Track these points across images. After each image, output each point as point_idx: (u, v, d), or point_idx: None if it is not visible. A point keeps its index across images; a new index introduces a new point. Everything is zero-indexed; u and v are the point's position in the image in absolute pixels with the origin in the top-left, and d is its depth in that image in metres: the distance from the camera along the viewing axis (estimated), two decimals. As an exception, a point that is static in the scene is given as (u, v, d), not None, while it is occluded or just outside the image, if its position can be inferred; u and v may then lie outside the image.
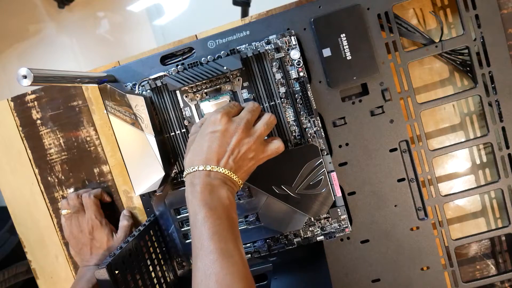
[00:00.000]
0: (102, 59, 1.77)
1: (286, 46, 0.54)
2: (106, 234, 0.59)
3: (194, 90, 0.55)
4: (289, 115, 0.55)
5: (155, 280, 0.54)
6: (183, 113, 0.57)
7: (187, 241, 0.58)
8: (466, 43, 0.53)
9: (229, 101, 0.55)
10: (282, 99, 0.55)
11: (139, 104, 0.54)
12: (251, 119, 0.49)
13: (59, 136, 0.64)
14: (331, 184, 0.54)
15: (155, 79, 0.55)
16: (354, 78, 0.53)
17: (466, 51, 0.55)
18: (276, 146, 0.51)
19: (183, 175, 0.48)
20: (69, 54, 1.79)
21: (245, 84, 0.55)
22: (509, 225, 0.55)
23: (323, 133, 0.55)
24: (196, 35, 0.59)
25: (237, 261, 0.40)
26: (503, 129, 0.54)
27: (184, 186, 0.57)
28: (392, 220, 0.56)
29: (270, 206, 0.56)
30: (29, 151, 0.65)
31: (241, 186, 0.48)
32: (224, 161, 0.46)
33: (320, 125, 0.55)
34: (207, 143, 0.47)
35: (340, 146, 0.56)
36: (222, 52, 0.54)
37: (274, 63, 0.54)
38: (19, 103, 0.64)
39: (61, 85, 0.62)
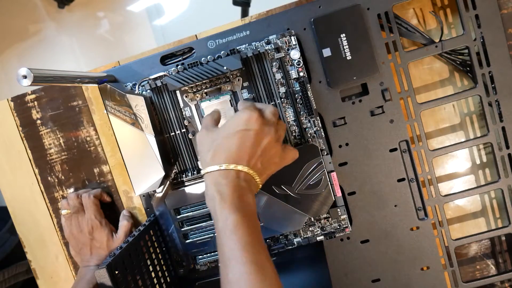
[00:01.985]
0: (102, 59, 1.76)
1: (286, 46, 0.54)
2: (106, 234, 0.59)
3: (194, 90, 0.55)
4: (289, 115, 0.55)
5: (155, 280, 0.54)
6: (183, 113, 0.57)
7: (187, 241, 0.58)
8: (466, 43, 0.53)
9: (229, 100, 0.55)
10: (282, 99, 0.55)
11: (139, 104, 0.54)
12: (276, 124, 0.48)
13: (59, 136, 0.64)
14: (331, 184, 0.54)
15: (155, 79, 0.55)
16: (354, 78, 0.53)
17: (466, 51, 0.55)
18: (294, 153, 0.50)
19: (202, 172, 0.45)
20: (69, 54, 1.79)
21: (245, 84, 0.55)
22: (509, 225, 0.55)
23: (323, 133, 0.55)
24: (196, 35, 0.59)
25: (270, 273, 0.39)
26: (503, 129, 0.54)
27: (184, 186, 0.57)
28: (392, 220, 0.56)
29: (270, 206, 0.56)
30: (29, 151, 0.65)
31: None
32: (254, 161, 0.44)
33: (320, 125, 0.55)
34: (239, 140, 0.44)
35: (340, 146, 0.56)
36: (222, 52, 0.54)
37: (274, 63, 0.54)
38: (19, 103, 0.64)
39: (61, 85, 0.62)
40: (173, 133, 0.57)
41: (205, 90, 0.55)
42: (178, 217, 0.58)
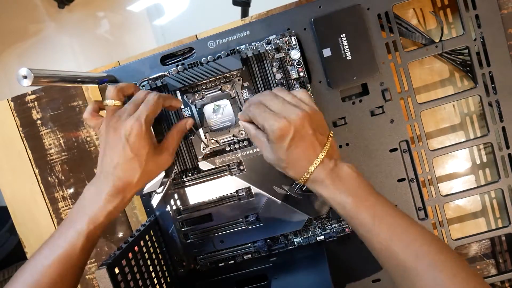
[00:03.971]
0: (102, 59, 1.77)
1: (286, 46, 0.54)
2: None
3: (194, 90, 0.55)
4: (289, 115, 0.55)
5: (155, 280, 0.54)
6: (183, 113, 0.56)
7: (188, 241, 0.58)
8: (466, 43, 0.53)
9: (229, 100, 0.55)
10: (282, 99, 0.54)
11: (139, 104, 0.54)
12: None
13: (59, 136, 0.64)
14: (331, 184, 0.54)
15: (155, 79, 0.55)
16: (354, 78, 0.53)
17: (466, 51, 0.55)
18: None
19: (306, 180, 0.44)
20: (69, 54, 1.79)
21: (245, 84, 0.55)
22: (509, 225, 0.55)
23: (323, 133, 0.55)
24: (196, 35, 0.59)
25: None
26: (503, 129, 0.54)
27: (184, 186, 0.57)
28: (392, 220, 0.56)
29: (270, 206, 0.56)
30: (29, 151, 0.65)
31: None
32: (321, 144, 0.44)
33: (320, 125, 0.55)
34: (294, 147, 0.43)
35: (340, 146, 0.56)
36: (222, 52, 0.54)
37: (274, 63, 0.54)
38: (19, 103, 0.65)
39: (61, 85, 0.62)
40: (173, 133, 0.57)
41: (205, 90, 0.55)
42: (178, 217, 0.58)
